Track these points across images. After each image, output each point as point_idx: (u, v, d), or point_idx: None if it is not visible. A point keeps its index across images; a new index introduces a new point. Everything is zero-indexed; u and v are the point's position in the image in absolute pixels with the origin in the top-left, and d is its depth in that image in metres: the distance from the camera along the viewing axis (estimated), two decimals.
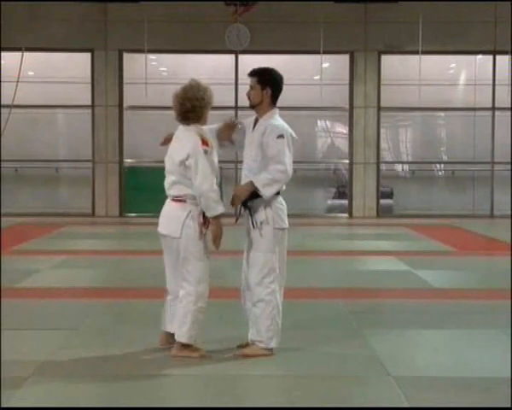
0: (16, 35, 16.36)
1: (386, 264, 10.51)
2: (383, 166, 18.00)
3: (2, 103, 16.58)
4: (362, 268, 10.27)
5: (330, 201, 18.54)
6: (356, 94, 17.37)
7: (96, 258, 11.03)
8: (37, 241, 12.86)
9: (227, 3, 16.68)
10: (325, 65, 17.42)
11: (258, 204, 5.58)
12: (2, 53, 16.82)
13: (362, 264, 10.65)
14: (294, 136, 5.68)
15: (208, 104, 5.58)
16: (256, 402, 4.77)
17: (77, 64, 17.56)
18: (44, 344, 6.03)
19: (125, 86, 17.36)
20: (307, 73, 17.62)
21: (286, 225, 5.68)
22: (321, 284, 8.84)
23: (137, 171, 17.21)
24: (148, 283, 8.61)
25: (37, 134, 17.85)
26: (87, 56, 17.32)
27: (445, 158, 18.68)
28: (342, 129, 18.19)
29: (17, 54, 16.12)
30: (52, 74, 17.51)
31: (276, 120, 5.66)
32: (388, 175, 18.30)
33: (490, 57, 17.49)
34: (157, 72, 17.75)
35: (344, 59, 17.48)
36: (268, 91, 5.66)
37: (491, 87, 17.53)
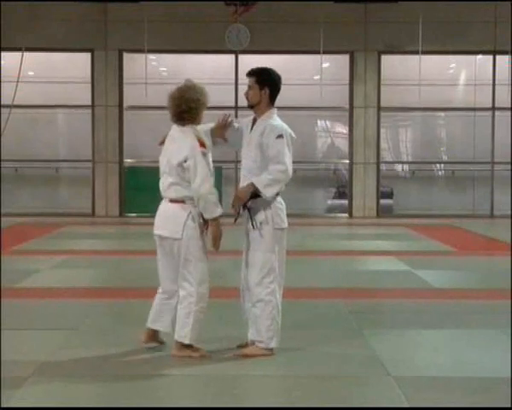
0: (16, 35, 16.36)
1: (386, 264, 10.51)
2: (383, 166, 18.01)
3: (2, 103, 16.59)
4: (362, 268, 10.27)
5: (330, 201, 18.54)
6: (356, 94, 17.37)
7: (96, 258, 11.03)
8: (37, 241, 12.86)
9: (227, 3, 16.69)
10: (325, 65, 17.41)
11: (257, 204, 5.57)
12: (2, 53, 16.83)
13: (362, 264, 10.65)
14: (293, 135, 5.68)
15: (204, 105, 5.58)
16: (256, 402, 4.77)
17: (77, 64, 17.56)
18: (44, 344, 6.03)
19: (125, 86, 17.36)
20: (307, 73, 17.63)
21: (285, 225, 5.68)
22: (321, 284, 8.84)
23: (137, 171, 17.21)
24: (148, 283, 8.52)
25: (37, 134, 17.85)
26: (87, 56, 17.32)
27: (445, 158, 18.68)
28: (342, 129, 18.19)
29: (17, 54, 16.11)
30: (52, 74, 17.51)
31: (275, 120, 5.65)
32: (388, 175, 18.30)
33: (490, 57, 17.49)
34: (157, 72, 17.75)
35: (344, 59, 17.48)
36: (266, 91, 5.65)
37: (491, 87, 17.53)
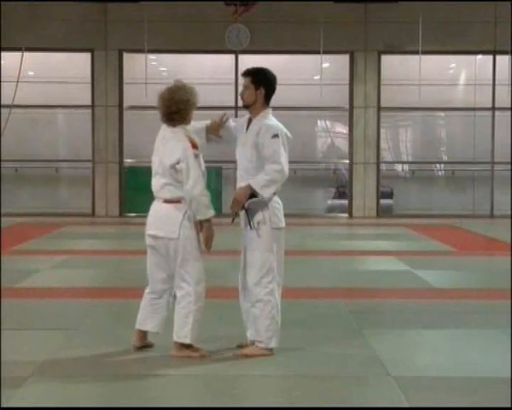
0: (16, 35, 16.36)
1: (386, 264, 10.51)
2: (383, 166, 18.00)
3: (2, 103, 16.59)
4: (362, 268, 10.27)
5: (330, 201, 18.54)
6: (356, 94, 17.37)
7: (96, 258, 11.04)
8: (37, 241, 12.86)
9: (227, 3, 16.68)
10: (325, 65, 17.41)
11: (255, 205, 5.57)
12: (2, 53, 16.83)
13: (362, 264, 10.65)
14: (289, 135, 5.68)
15: (193, 106, 5.57)
16: (256, 402, 4.76)
17: (77, 64, 17.56)
18: (44, 344, 6.03)
19: (125, 86, 17.37)
20: (307, 73, 17.63)
21: (283, 225, 5.68)
22: (321, 284, 8.84)
23: (137, 171, 17.20)
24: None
25: (37, 134, 17.85)
26: (87, 56, 17.32)
27: (445, 158, 18.68)
28: (342, 129, 18.19)
29: (17, 54, 16.12)
30: (52, 74, 17.51)
31: (270, 120, 5.65)
32: (388, 175, 18.30)
33: (490, 57, 17.49)
34: (157, 72, 17.75)
35: (344, 59, 17.48)
36: (262, 91, 5.65)
37: (491, 87, 17.53)
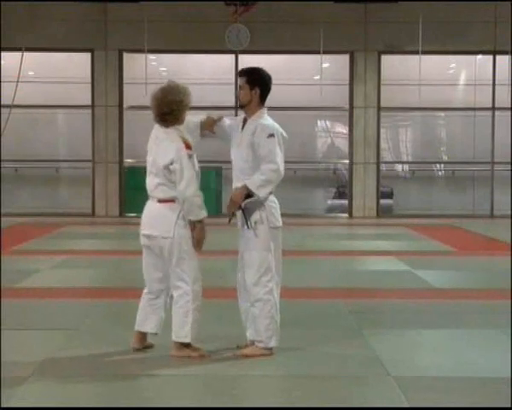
0: (16, 35, 16.36)
1: (386, 264, 10.50)
2: (383, 166, 18.01)
3: (2, 103, 16.59)
4: (362, 268, 10.27)
5: (330, 201, 18.55)
6: (356, 94, 17.37)
7: (96, 258, 11.04)
8: (37, 241, 12.86)
9: (227, 3, 16.68)
10: (325, 65, 17.41)
11: (251, 204, 5.57)
12: (2, 53, 16.83)
13: (362, 264, 10.65)
14: (285, 135, 5.68)
15: (186, 106, 5.58)
16: (256, 402, 4.76)
17: (77, 64, 17.57)
18: (44, 344, 6.03)
19: (125, 86, 17.37)
20: (307, 73, 17.62)
21: (280, 224, 5.68)
22: (321, 284, 8.84)
23: (137, 171, 17.16)
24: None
25: (37, 134, 17.86)
26: (87, 56, 17.32)
27: (445, 158, 18.69)
28: (342, 129, 18.20)
29: (17, 54, 16.11)
30: (52, 74, 17.52)
31: (266, 120, 5.66)
32: (388, 175, 18.30)
33: (490, 57, 17.49)
34: (157, 72, 17.75)
35: (344, 59, 17.47)
36: (257, 91, 5.66)
37: (491, 87, 17.53)
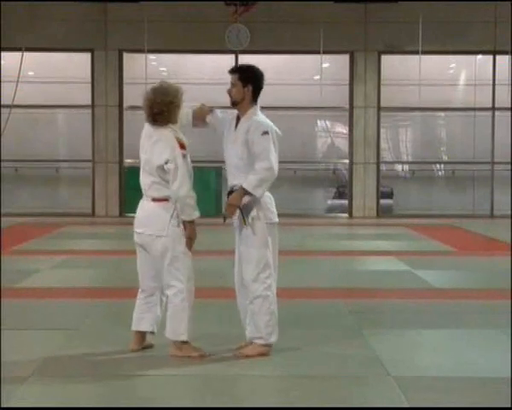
0: (16, 35, 16.36)
1: (386, 264, 10.50)
2: (383, 166, 18.01)
3: (2, 103, 16.59)
4: (362, 268, 10.27)
5: (330, 201, 18.55)
6: (356, 94, 17.37)
7: (96, 258, 11.03)
8: (37, 241, 12.86)
9: (227, 3, 16.69)
10: (325, 65, 17.41)
11: (247, 202, 5.58)
12: (2, 53, 16.83)
13: (362, 264, 10.65)
14: (279, 132, 5.69)
15: (177, 107, 5.61)
16: (255, 402, 4.76)
17: (77, 64, 17.57)
18: (44, 344, 6.03)
19: (125, 86, 17.37)
20: (307, 73, 17.62)
21: (276, 219, 5.69)
22: (321, 284, 8.83)
23: (137, 171, 17.03)
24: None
25: (37, 134, 17.86)
26: (87, 56, 17.33)
27: (445, 158, 18.69)
28: (342, 129, 18.20)
29: (17, 54, 16.12)
30: (52, 74, 17.52)
31: (260, 117, 5.67)
32: (388, 175, 18.30)
33: (490, 57, 17.50)
34: (157, 72, 17.75)
35: (344, 59, 17.48)
36: (249, 88, 5.67)
37: (491, 87, 17.53)
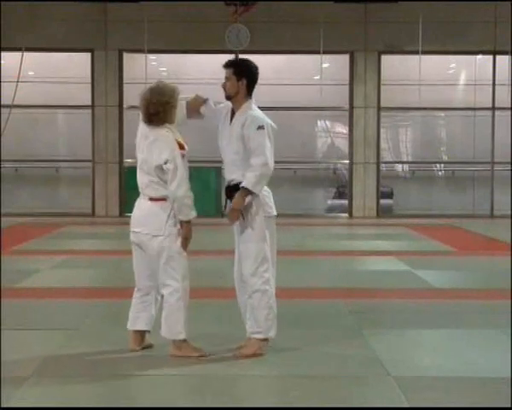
0: (16, 35, 16.36)
1: (386, 264, 10.50)
2: (383, 166, 18.00)
3: (2, 103, 16.59)
4: (362, 268, 10.27)
5: (330, 201, 18.54)
6: (356, 94, 17.37)
7: (96, 258, 11.03)
8: (37, 241, 12.86)
9: (227, 3, 16.68)
10: (325, 65, 17.41)
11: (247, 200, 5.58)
12: (2, 53, 16.83)
13: (362, 264, 10.65)
14: (274, 126, 5.69)
15: (173, 108, 5.61)
16: (255, 402, 4.76)
17: (77, 64, 17.57)
18: (44, 344, 6.02)
19: (125, 86, 17.36)
20: (307, 73, 17.61)
21: (274, 213, 5.70)
22: (321, 284, 8.83)
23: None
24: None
25: (37, 134, 17.86)
26: (87, 56, 17.33)
27: (445, 158, 18.68)
28: (342, 129, 18.19)
29: (17, 54, 16.12)
30: (52, 74, 17.52)
31: (255, 111, 5.66)
32: (388, 175, 18.30)
33: (490, 57, 17.50)
34: (157, 72, 17.74)
35: (344, 59, 17.48)
36: (244, 82, 5.66)
37: (491, 87, 17.53)
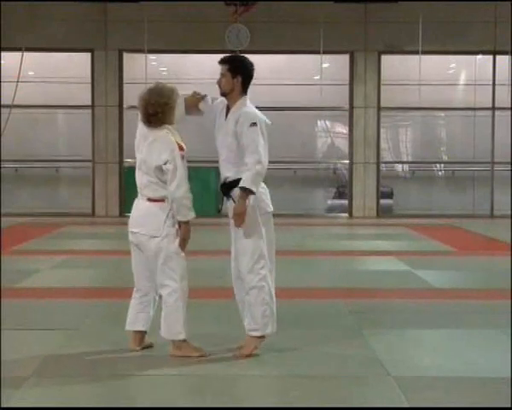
0: (16, 35, 16.36)
1: (386, 264, 10.50)
2: (383, 166, 18.00)
3: (2, 103, 16.59)
4: (362, 268, 10.27)
5: (330, 201, 18.54)
6: (356, 94, 17.37)
7: (96, 258, 11.03)
8: (37, 241, 12.86)
9: (227, 3, 16.69)
10: (325, 65, 17.41)
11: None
12: (2, 53, 16.83)
13: (362, 264, 10.65)
14: (268, 122, 5.69)
15: (172, 109, 5.61)
16: (255, 402, 4.76)
17: (77, 64, 17.57)
18: (44, 344, 6.02)
19: (125, 86, 17.36)
20: (307, 73, 17.61)
21: (271, 209, 5.71)
22: (321, 284, 8.83)
23: None
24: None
25: (37, 134, 17.85)
26: (87, 56, 17.32)
27: (445, 158, 18.68)
28: (342, 129, 18.19)
29: (17, 54, 16.11)
30: (52, 74, 17.52)
31: (249, 107, 5.67)
32: (388, 175, 18.30)
33: (490, 57, 17.50)
34: (157, 72, 17.74)
35: (344, 59, 17.47)
36: (239, 79, 5.67)
37: (491, 87, 17.53)
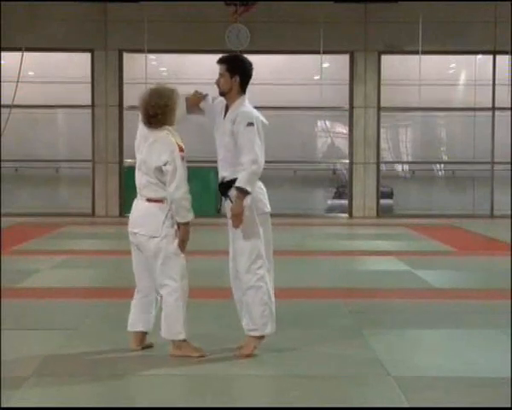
0: (16, 35, 16.36)
1: (386, 264, 10.50)
2: (383, 166, 18.00)
3: (2, 103, 16.58)
4: (362, 268, 10.27)
5: (330, 201, 18.54)
6: (356, 94, 17.37)
7: (96, 258, 11.03)
8: (37, 241, 12.86)
9: (227, 3, 16.68)
10: (325, 65, 17.41)
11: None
12: (2, 53, 16.82)
13: (362, 264, 10.65)
14: (265, 122, 5.69)
15: (172, 110, 5.62)
16: (255, 402, 4.76)
17: (77, 64, 17.56)
18: (44, 344, 6.02)
19: (125, 86, 17.36)
20: (307, 73, 17.61)
21: (268, 209, 5.71)
22: (321, 284, 8.84)
23: None
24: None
25: (37, 134, 17.85)
26: (87, 56, 17.32)
27: (445, 158, 18.68)
28: (342, 129, 18.19)
29: (17, 54, 16.11)
30: (52, 74, 17.51)
31: (246, 107, 5.67)
32: (388, 175, 18.30)
33: (490, 57, 17.50)
34: (157, 72, 17.75)
35: (344, 59, 17.47)
36: (237, 79, 5.67)
37: (491, 87, 17.53)
